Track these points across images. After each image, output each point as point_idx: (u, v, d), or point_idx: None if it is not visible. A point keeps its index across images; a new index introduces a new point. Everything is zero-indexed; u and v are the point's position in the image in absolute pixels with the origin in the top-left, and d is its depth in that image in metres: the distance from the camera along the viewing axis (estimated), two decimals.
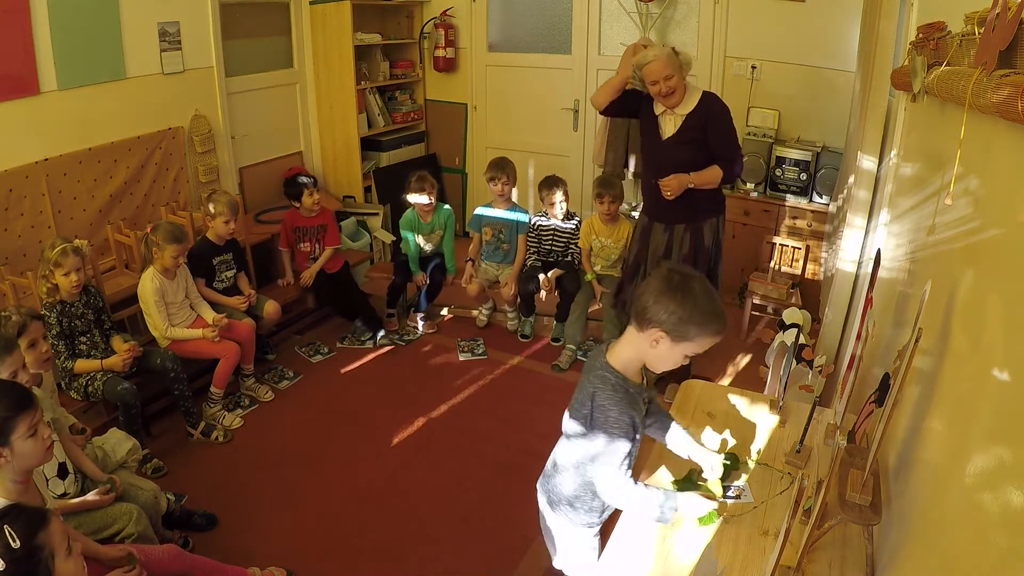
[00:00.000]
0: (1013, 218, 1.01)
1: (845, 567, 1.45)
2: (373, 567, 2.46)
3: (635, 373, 1.58)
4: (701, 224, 3.12)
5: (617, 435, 1.52)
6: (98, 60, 3.55)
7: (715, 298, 1.46)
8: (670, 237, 3.16)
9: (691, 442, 1.73)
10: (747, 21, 4.25)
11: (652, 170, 3.09)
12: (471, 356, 3.91)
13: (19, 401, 1.71)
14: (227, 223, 3.41)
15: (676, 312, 1.42)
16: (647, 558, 1.51)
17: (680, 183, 2.95)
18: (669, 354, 1.49)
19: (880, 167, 2.82)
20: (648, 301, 1.46)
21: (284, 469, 2.97)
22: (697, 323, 1.43)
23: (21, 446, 1.68)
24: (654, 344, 1.48)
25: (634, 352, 1.54)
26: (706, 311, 1.43)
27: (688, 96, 2.97)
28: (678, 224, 3.14)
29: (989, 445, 0.96)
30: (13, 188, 3.21)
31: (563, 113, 5.05)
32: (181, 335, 3.14)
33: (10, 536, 1.43)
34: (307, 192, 3.89)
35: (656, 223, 3.20)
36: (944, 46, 1.46)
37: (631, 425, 1.53)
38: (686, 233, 3.13)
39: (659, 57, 2.87)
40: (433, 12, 5.22)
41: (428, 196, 3.98)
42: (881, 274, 1.97)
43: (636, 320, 1.51)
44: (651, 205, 3.22)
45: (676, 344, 1.46)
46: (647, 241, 3.25)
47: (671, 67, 2.87)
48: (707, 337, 1.46)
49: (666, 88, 2.90)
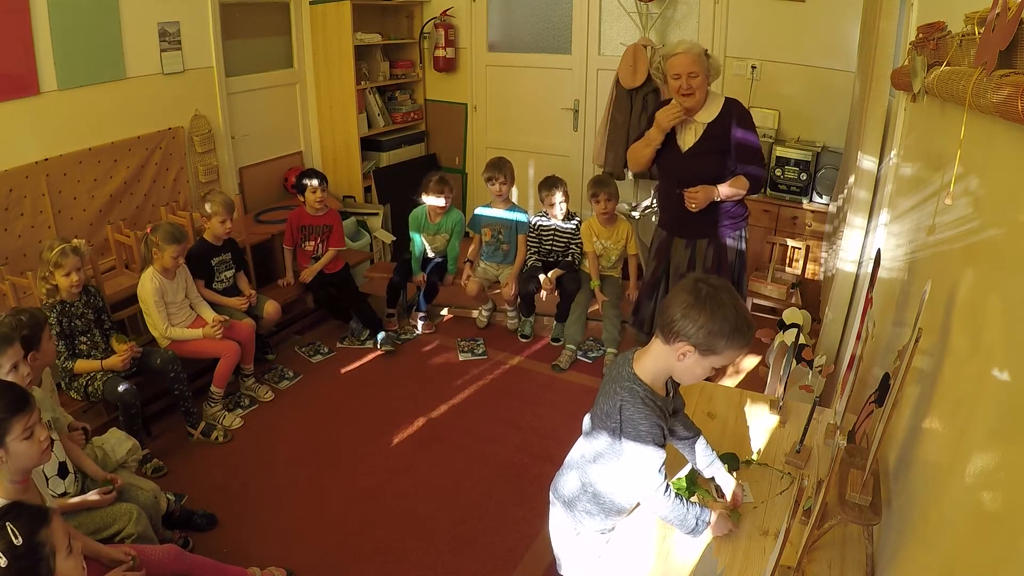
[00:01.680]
0: (1013, 218, 1.01)
1: (845, 567, 1.45)
2: (373, 567, 2.46)
3: (661, 386, 1.56)
4: (725, 237, 2.97)
5: (649, 445, 1.50)
6: (98, 60, 3.55)
7: (745, 311, 1.43)
8: (692, 252, 3.02)
9: (717, 466, 1.69)
10: (747, 21, 4.25)
11: (671, 183, 2.94)
12: (471, 356, 3.91)
13: (15, 403, 1.70)
14: (223, 222, 3.40)
15: (705, 326, 1.39)
16: (647, 558, 1.51)
17: (708, 196, 2.79)
18: (696, 367, 1.46)
19: (880, 167, 2.82)
20: (675, 314, 1.43)
21: (284, 469, 2.97)
22: (727, 336, 1.40)
23: (16, 447, 1.68)
24: (681, 357, 1.45)
25: (661, 365, 1.51)
26: (735, 324, 1.40)
27: (710, 103, 2.82)
28: (701, 239, 2.99)
29: (989, 445, 0.96)
30: (13, 188, 3.21)
31: (563, 113, 5.05)
32: (180, 335, 3.14)
33: (12, 533, 1.43)
34: (310, 188, 3.89)
35: (677, 238, 3.05)
36: (944, 46, 1.46)
37: (661, 435, 1.52)
38: (709, 248, 2.99)
39: (689, 52, 2.71)
40: (433, 12, 5.22)
41: (445, 199, 3.99)
42: (881, 274, 1.97)
43: (663, 333, 1.47)
44: (671, 219, 3.05)
45: (704, 358, 1.43)
46: (666, 257, 3.10)
47: (698, 65, 2.72)
48: (735, 350, 1.43)
49: (687, 86, 2.73)
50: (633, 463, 1.52)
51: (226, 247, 3.53)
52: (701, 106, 2.83)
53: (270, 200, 4.75)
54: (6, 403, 1.68)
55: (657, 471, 1.52)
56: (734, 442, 1.87)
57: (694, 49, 2.73)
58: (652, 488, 1.53)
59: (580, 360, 3.85)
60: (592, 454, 1.59)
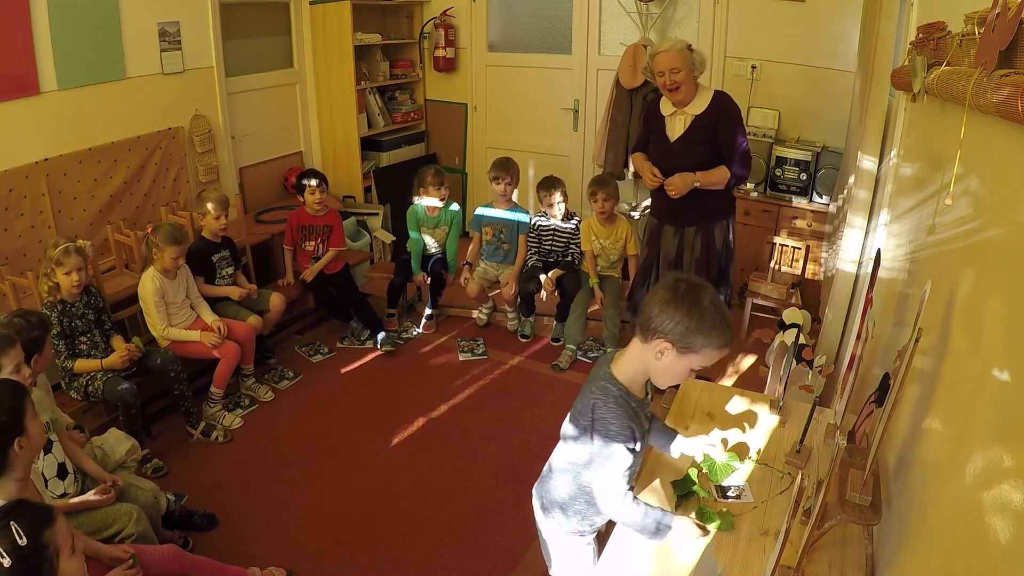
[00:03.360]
0: (1013, 218, 1.01)
1: (845, 567, 1.45)
2: (372, 567, 2.46)
3: (639, 388, 1.54)
4: (712, 226, 3.07)
5: (617, 447, 1.49)
6: (98, 60, 3.55)
7: (724, 310, 1.42)
8: (680, 240, 3.12)
9: (694, 441, 1.72)
10: (747, 21, 4.25)
11: (660, 172, 3.03)
12: (471, 356, 3.91)
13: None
14: (217, 218, 3.40)
15: (682, 322, 1.38)
16: (647, 558, 1.51)
17: (684, 183, 2.91)
18: (674, 367, 1.44)
19: (880, 167, 2.82)
20: (653, 311, 1.42)
21: (284, 469, 2.97)
22: (704, 333, 1.39)
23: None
24: (659, 356, 1.43)
25: (639, 364, 1.50)
26: (714, 321, 1.39)
27: (699, 96, 2.93)
28: (688, 227, 3.09)
29: (989, 445, 0.96)
30: (13, 188, 3.21)
31: (563, 113, 5.05)
32: (178, 336, 3.14)
33: (16, 533, 1.42)
34: (309, 189, 3.89)
35: (666, 226, 3.15)
36: (944, 46, 1.46)
37: (632, 438, 1.50)
38: (697, 235, 3.09)
39: (670, 49, 2.83)
40: (433, 12, 5.22)
41: (440, 199, 4.00)
42: (881, 274, 1.97)
43: (641, 331, 1.46)
44: (660, 207, 3.17)
45: (681, 356, 1.42)
46: (657, 244, 3.21)
47: (679, 61, 2.83)
48: (714, 349, 1.41)
49: (671, 82, 2.86)
50: (596, 463, 1.52)
51: (224, 244, 3.53)
52: (691, 99, 2.93)
53: (270, 200, 4.75)
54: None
55: (621, 474, 1.51)
56: (734, 442, 1.87)
57: (676, 46, 2.84)
58: (613, 491, 1.52)
59: (580, 360, 3.85)
60: (584, 458, 1.58)
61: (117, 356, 2.86)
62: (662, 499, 1.68)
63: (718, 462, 1.72)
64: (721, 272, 3.14)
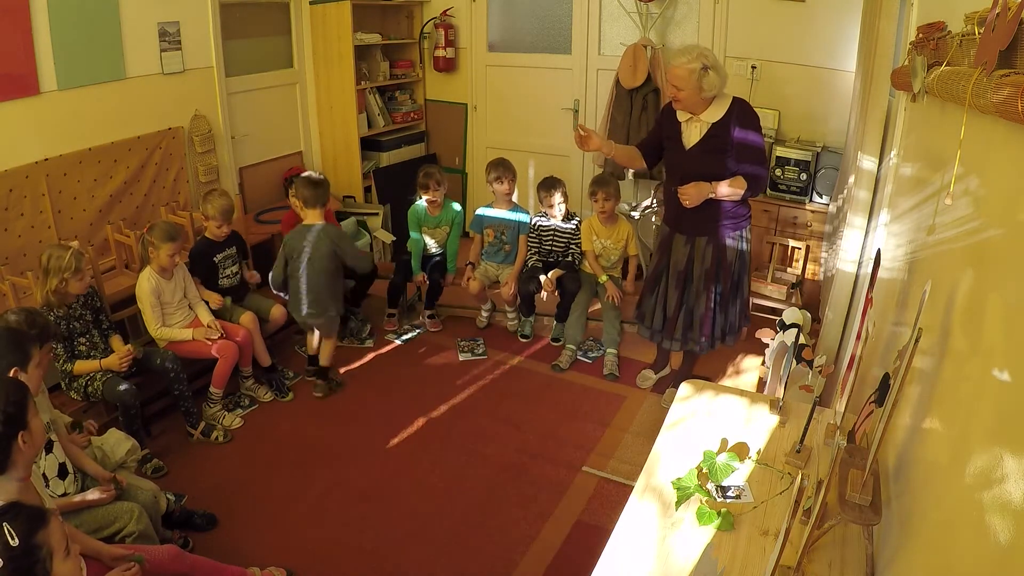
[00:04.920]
0: (1013, 218, 1.01)
1: (845, 567, 1.45)
2: (373, 567, 2.46)
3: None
4: (724, 237, 2.98)
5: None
6: (98, 60, 3.55)
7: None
8: (691, 250, 3.04)
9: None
10: (747, 21, 4.25)
11: (675, 180, 2.96)
12: (471, 356, 3.91)
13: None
14: (219, 227, 3.41)
15: None
16: (647, 558, 1.51)
17: (700, 193, 2.82)
18: None
19: (880, 167, 2.82)
20: None
21: (284, 469, 2.97)
22: None
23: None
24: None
25: None
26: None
27: (717, 104, 2.83)
28: (700, 236, 3.00)
29: (989, 445, 0.96)
30: (13, 188, 3.21)
31: (563, 113, 5.05)
32: (170, 335, 3.13)
33: (9, 534, 1.42)
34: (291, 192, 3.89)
35: (677, 234, 3.07)
36: (944, 46, 1.46)
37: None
38: (708, 246, 3.00)
39: (681, 66, 2.75)
40: (433, 12, 5.22)
41: (434, 193, 4.00)
42: (881, 274, 1.97)
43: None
44: (672, 215, 3.09)
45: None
46: (668, 252, 3.12)
47: (684, 82, 2.75)
48: None
49: (671, 94, 2.86)
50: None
51: (230, 240, 3.52)
52: (701, 109, 2.85)
53: (270, 200, 4.75)
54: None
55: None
56: (734, 442, 1.87)
57: (690, 64, 2.73)
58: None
59: (580, 360, 3.85)
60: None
61: (116, 358, 2.86)
62: (662, 499, 1.68)
63: (718, 462, 1.72)
64: (734, 284, 3.06)
